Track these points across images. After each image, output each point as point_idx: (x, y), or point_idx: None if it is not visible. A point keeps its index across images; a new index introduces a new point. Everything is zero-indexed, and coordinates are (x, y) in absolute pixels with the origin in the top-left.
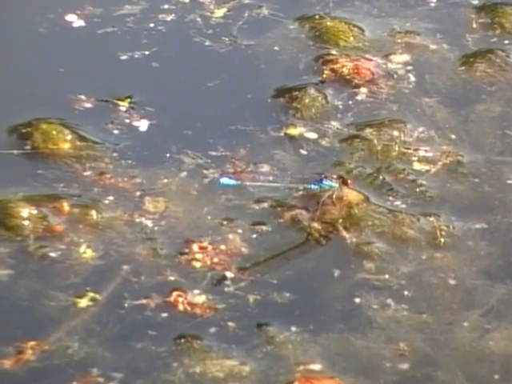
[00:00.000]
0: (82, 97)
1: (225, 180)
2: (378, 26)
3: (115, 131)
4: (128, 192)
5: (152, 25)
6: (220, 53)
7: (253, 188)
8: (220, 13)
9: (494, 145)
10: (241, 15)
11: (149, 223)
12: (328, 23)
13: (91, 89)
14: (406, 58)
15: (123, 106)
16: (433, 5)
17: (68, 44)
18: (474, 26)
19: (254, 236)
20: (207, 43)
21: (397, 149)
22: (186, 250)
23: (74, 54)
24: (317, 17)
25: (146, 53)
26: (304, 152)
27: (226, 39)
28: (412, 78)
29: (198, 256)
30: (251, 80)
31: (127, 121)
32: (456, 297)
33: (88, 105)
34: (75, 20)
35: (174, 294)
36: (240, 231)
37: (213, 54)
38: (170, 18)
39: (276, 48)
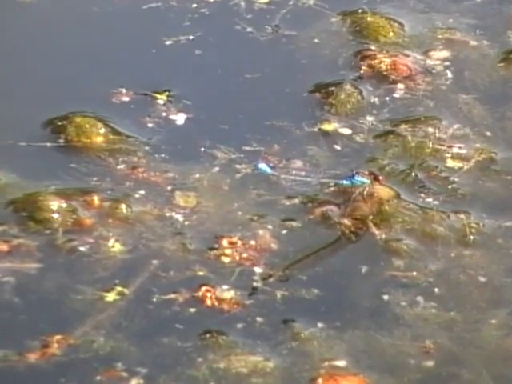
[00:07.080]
0: (123, 90)
1: (263, 166)
2: (420, 22)
3: (151, 125)
4: (160, 186)
5: (195, 5)
6: (260, 42)
7: (285, 181)
8: None
9: None
10: (286, 3)
11: (179, 218)
12: (369, 18)
13: (133, 79)
14: (445, 54)
15: (161, 99)
16: (479, 0)
17: (112, 25)
18: None
19: (284, 232)
20: (248, 30)
21: (431, 145)
22: (216, 245)
23: (117, 38)
24: (359, 11)
25: (191, 37)
26: (338, 148)
27: (268, 28)
28: (450, 75)
29: (227, 251)
30: (290, 73)
31: (164, 114)
32: (484, 295)
33: (126, 98)
34: None
35: (203, 288)
36: (270, 227)
37: (253, 43)
38: None
39: (317, 41)
